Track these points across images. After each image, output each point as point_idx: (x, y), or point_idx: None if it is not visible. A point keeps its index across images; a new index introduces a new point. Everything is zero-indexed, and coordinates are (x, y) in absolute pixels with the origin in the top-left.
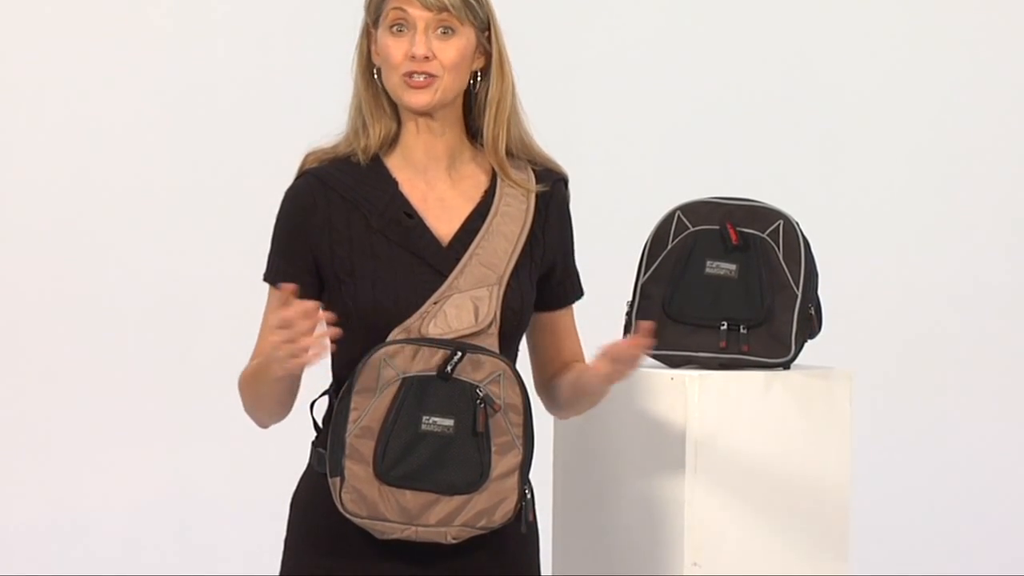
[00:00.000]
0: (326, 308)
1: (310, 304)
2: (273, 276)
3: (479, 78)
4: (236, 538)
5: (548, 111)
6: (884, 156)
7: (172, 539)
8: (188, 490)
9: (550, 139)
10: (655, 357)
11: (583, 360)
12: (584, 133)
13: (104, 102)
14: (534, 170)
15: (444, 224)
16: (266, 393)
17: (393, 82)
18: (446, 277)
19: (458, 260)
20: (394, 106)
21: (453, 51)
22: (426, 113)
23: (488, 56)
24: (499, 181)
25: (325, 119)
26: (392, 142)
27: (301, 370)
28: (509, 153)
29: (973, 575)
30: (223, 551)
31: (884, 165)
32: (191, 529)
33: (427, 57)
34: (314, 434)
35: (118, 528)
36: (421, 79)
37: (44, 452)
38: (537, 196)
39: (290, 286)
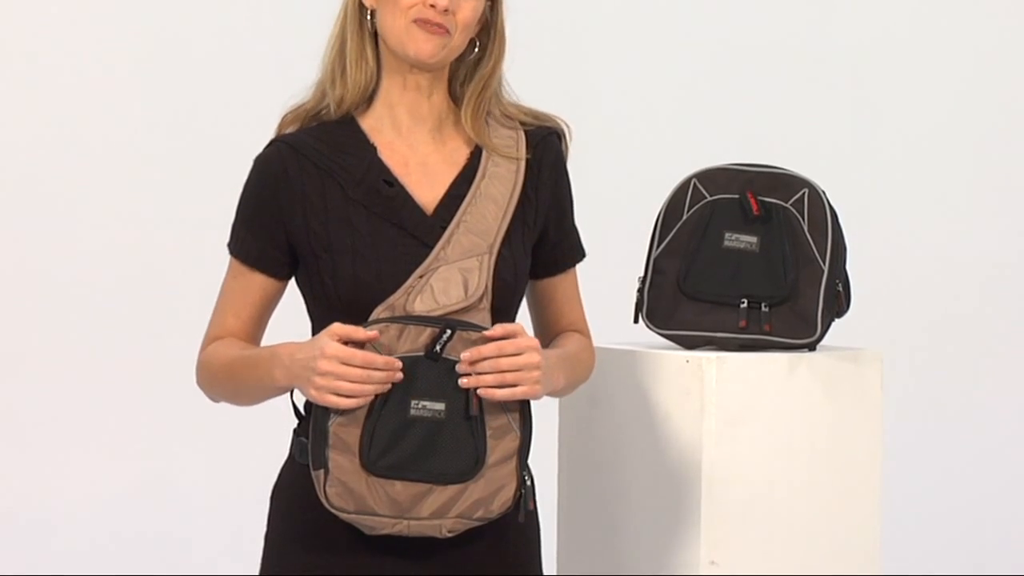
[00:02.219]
0: (304, 286)
1: (398, 363)
2: (238, 248)
3: (475, 47)
4: (214, 533)
5: (553, 67)
6: (917, 119)
7: (145, 535)
8: (161, 482)
9: (555, 98)
10: (669, 338)
11: (582, 328)
12: (592, 93)
13: (64, 54)
14: (525, 131)
15: (427, 191)
16: (253, 394)
17: (398, 26)
18: (431, 248)
19: (444, 229)
20: (377, 58)
21: (470, 11)
22: (422, 69)
23: (486, 26)
24: (483, 148)
25: (307, 77)
26: (368, 102)
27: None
28: (490, 114)
29: (1016, 574)
30: (200, 547)
31: (917, 129)
32: (165, 524)
33: (446, 9)
34: (296, 421)
35: (86, 524)
36: (439, 23)
37: (4, 444)
38: (527, 149)
39: (372, 334)
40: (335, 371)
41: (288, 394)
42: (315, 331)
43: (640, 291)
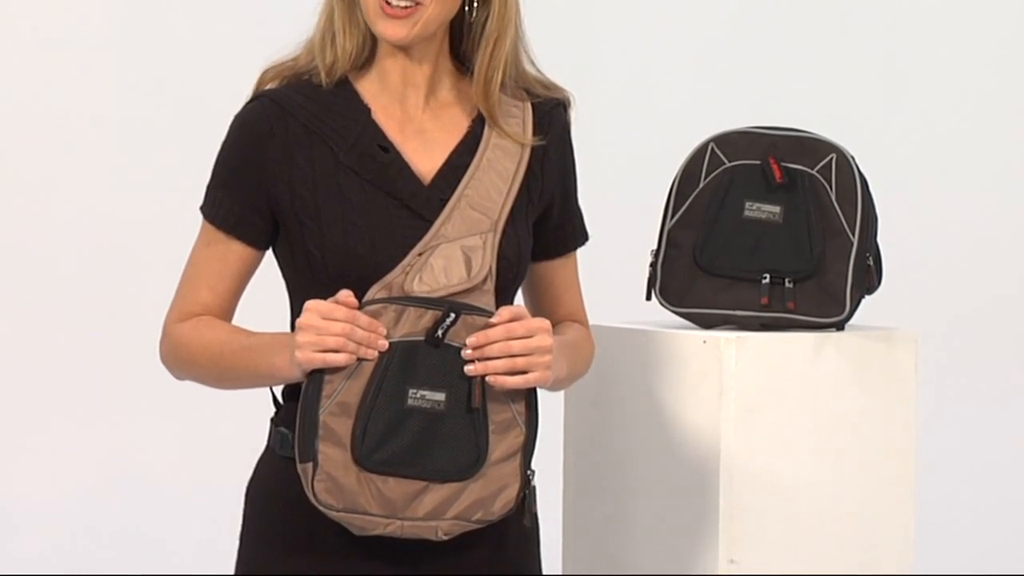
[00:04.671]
0: (284, 257)
1: (383, 329)
2: (214, 213)
3: (476, 3)
4: (186, 531)
5: (560, 24)
6: (956, 79)
7: (111, 532)
8: (129, 474)
9: (561, 57)
10: (684, 316)
11: (582, 318)
12: (601, 50)
13: (30, 22)
14: (532, 103)
15: (425, 159)
16: (242, 381)
17: (368, 4)
18: (428, 222)
19: (443, 202)
20: None
21: None
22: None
23: None
24: (488, 123)
25: (286, 38)
26: (365, 62)
27: (314, 366)
28: (502, 86)
29: None
30: (171, 546)
31: (956, 89)
32: (132, 521)
33: None
34: (274, 410)
35: (48, 520)
36: (401, 7)
37: None
38: (535, 126)
39: (352, 299)
40: (316, 325)
41: None
42: (294, 307)
43: (653, 266)
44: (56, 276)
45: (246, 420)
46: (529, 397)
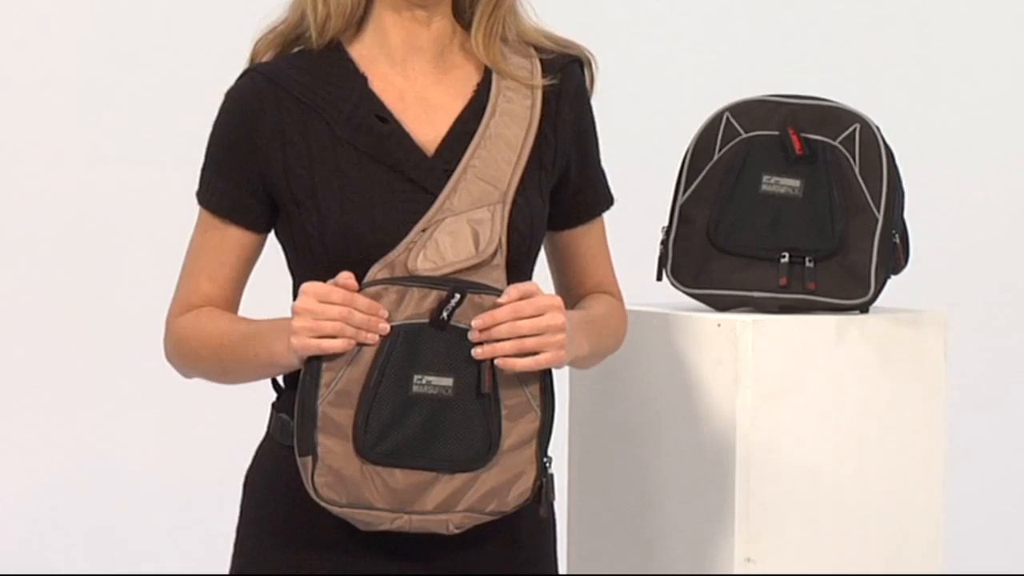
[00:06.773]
0: (285, 239)
1: (384, 311)
2: (209, 198)
3: None
4: (173, 529)
5: None
6: (989, 43)
7: (89, 530)
8: (108, 468)
9: (564, 20)
10: (698, 298)
11: (612, 288)
12: (608, 14)
13: None
14: (541, 59)
15: (428, 129)
16: (246, 373)
17: None
18: (432, 195)
19: (449, 174)
20: None
21: None
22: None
23: None
24: (495, 72)
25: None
26: (357, 26)
27: (312, 352)
28: (504, 39)
29: None
30: (156, 546)
31: (988, 55)
32: (113, 518)
33: None
34: (274, 395)
35: (18, 518)
36: None
37: None
38: (545, 86)
39: (352, 282)
40: (312, 309)
41: None
42: (296, 292)
43: (664, 244)
44: (28, 255)
45: (238, 406)
46: (543, 379)
